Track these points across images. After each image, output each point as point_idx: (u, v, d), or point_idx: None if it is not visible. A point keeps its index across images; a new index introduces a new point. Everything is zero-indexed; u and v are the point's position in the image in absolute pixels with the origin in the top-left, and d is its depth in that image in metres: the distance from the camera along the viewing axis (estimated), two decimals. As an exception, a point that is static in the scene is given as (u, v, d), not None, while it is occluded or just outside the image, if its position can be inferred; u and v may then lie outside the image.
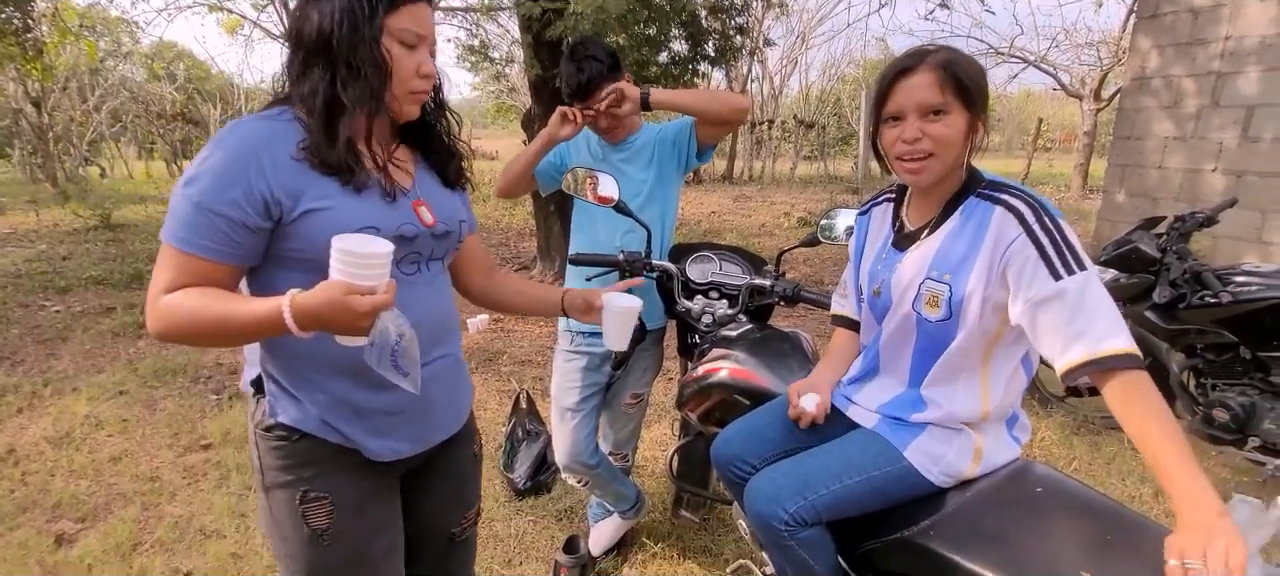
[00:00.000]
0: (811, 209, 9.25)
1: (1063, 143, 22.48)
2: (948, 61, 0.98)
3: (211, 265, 0.81)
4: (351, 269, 0.75)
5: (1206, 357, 2.34)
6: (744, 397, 1.43)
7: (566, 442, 1.74)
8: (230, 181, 0.80)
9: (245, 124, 0.84)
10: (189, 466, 2.44)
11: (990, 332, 1.02)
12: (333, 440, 0.91)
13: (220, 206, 0.79)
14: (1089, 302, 0.89)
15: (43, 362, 3.49)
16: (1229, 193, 4.11)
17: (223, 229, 0.80)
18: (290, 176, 0.83)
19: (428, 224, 0.94)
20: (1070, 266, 0.90)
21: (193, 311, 0.79)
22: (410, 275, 0.94)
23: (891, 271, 1.09)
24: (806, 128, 16.41)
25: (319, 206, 0.83)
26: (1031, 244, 0.93)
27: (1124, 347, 0.87)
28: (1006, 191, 0.99)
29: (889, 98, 1.02)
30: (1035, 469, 1.08)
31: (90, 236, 7.04)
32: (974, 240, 0.99)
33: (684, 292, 1.70)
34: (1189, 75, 4.42)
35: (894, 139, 1.02)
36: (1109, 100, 11.64)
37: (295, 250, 0.85)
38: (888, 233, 1.16)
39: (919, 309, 1.05)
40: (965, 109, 0.98)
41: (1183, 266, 2.26)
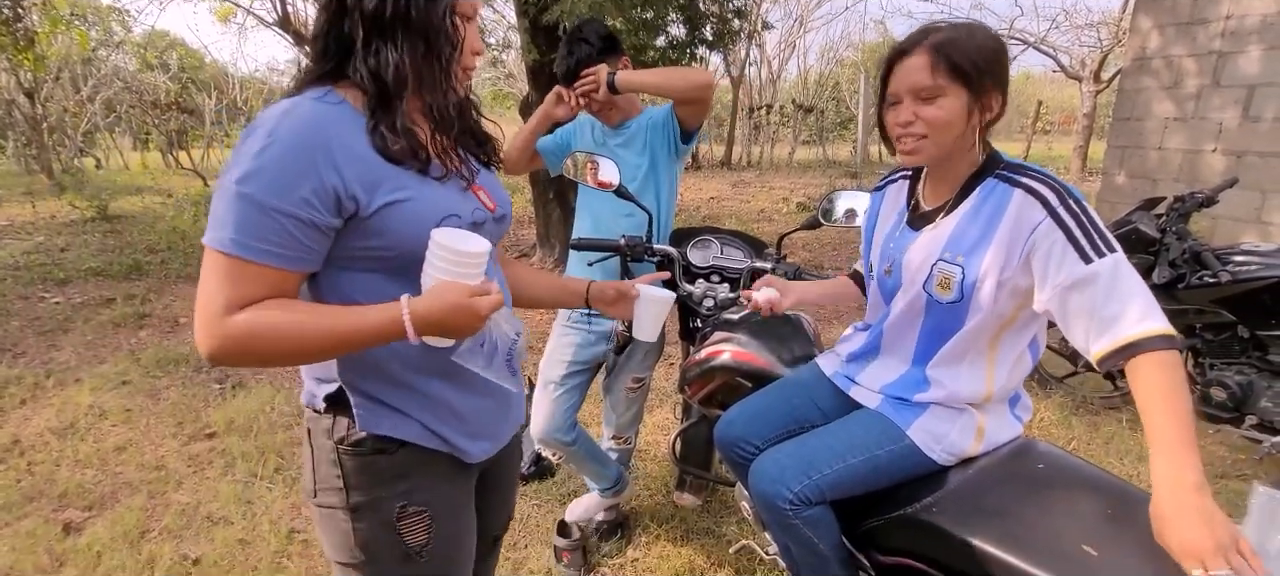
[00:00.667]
0: (811, 193, 9.23)
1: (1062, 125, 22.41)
2: (942, 43, 0.96)
3: (283, 274, 0.72)
4: (461, 268, 0.71)
5: (1205, 337, 2.36)
6: (746, 380, 1.44)
7: (543, 415, 1.77)
8: (297, 176, 0.70)
9: (301, 107, 0.73)
10: (194, 455, 2.45)
11: (1003, 316, 1.02)
12: (432, 446, 0.85)
13: (288, 205, 0.70)
14: (1122, 286, 0.87)
15: (44, 354, 3.50)
16: (1229, 173, 4.10)
17: (291, 231, 0.71)
18: (364, 167, 0.74)
19: (491, 209, 0.89)
20: (1100, 249, 0.89)
21: (294, 327, 0.71)
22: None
23: (904, 250, 1.09)
24: (805, 112, 16.33)
25: (400, 198, 0.76)
26: (1058, 228, 0.91)
27: (1162, 329, 0.85)
28: (1027, 174, 0.98)
29: (888, 80, 1.02)
30: (1037, 446, 1.09)
31: (87, 228, 7.01)
32: (990, 222, 0.99)
33: (685, 276, 1.71)
34: (1190, 55, 4.40)
35: (892, 123, 1.03)
36: (1109, 82, 11.59)
37: (371, 249, 0.77)
38: (902, 210, 1.15)
39: (930, 289, 1.04)
40: (964, 89, 0.96)
41: (1182, 247, 2.27)
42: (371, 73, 0.77)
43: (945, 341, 1.06)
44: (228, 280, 0.70)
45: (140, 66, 15.84)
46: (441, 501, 0.88)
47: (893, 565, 1.09)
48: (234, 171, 0.70)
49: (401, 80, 0.77)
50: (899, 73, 1.00)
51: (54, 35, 8.55)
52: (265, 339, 0.71)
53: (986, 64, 0.97)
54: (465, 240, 0.74)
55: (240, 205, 0.69)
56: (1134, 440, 2.54)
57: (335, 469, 0.84)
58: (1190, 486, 0.77)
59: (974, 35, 0.98)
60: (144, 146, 16.50)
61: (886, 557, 1.10)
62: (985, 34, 0.98)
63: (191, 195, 8.36)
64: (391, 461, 0.84)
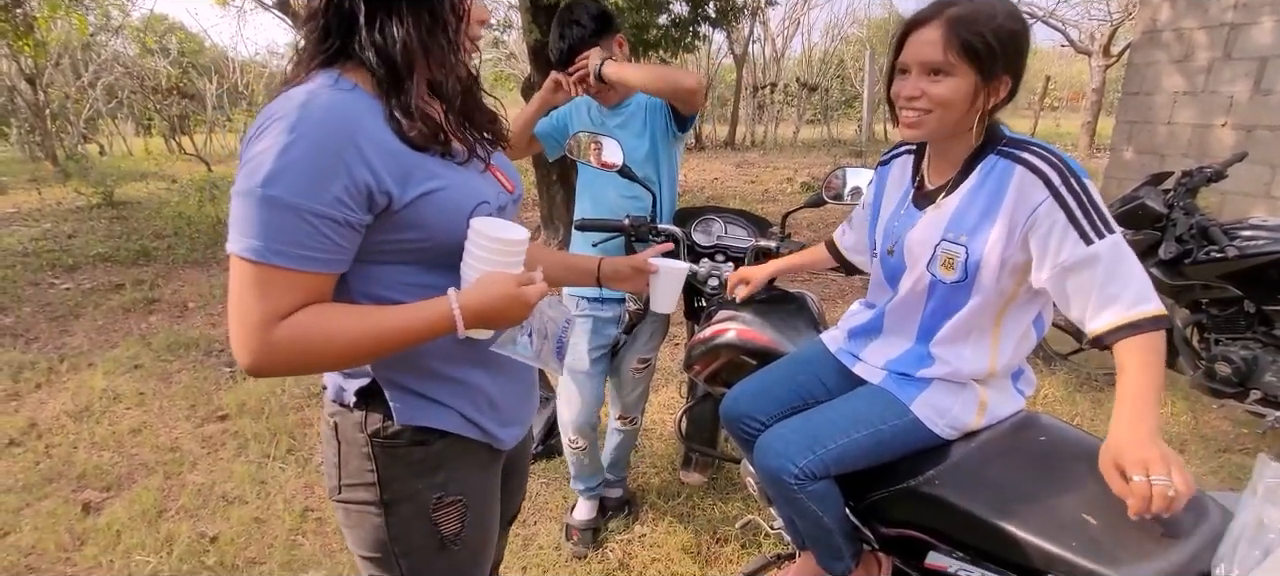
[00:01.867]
0: (815, 173, 9.17)
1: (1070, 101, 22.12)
2: (959, 18, 0.93)
3: (320, 277, 0.69)
4: (504, 257, 0.70)
5: (1210, 313, 2.35)
6: (751, 358, 1.46)
7: (575, 406, 1.78)
8: (328, 173, 0.66)
9: (320, 97, 0.68)
10: (207, 436, 2.49)
11: (1006, 294, 1.02)
12: (470, 435, 0.85)
13: (321, 206, 0.65)
14: (1122, 267, 0.90)
15: (57, 339, 3.54)
16: (1239, 147, 4.06)
17: (326, 232, 0.67)
18: (393, 158, 0.71)
19: (510, 190, 0.87)
20: (1100, 230, 0.90)
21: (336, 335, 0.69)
22: None
23: (908, 231, 1.08)
24: (809, 91, 16.16)
25: (433, 187, 0.73)
26: (1060, 208, 0.91)
27: (1156, 310, 0.89)
28: (1028, 149, 0.97)
29: (902, 49, 1.00)
30: (1039, 419, 1.10)
31: (94, 214, 7.04)
32: (992, 200, 0.98)
33: (690, 256, 1.71)
34: (1201, 27, 4.33)
35: (898, 92, 1.01)
36: (1118, 56, 11.41)
37: (405, 242, 0.74)
38: (907, 188, 1.14)
39: (934, 270, 1.04)
40: (974, 71, 0.94)
41: (1189, 222, 2.26)
42: (378, 51, 0.72)
43: (949, 320, 1.07)
44: (264, 290, 0.66)
45: (140, 51, 15.76)
46: (475, 489, 0.88)
47: (897, 536, 1.11)
48: (257, 173, 0.64)
49: (410, 57, 0.72)
50: (912, 43, 0.98)
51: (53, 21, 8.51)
52: (314, 349, 0.68)
53: (1001, 46, 0.93)
54: (505, 228, 0.72)
55: (268, 209, 0.64)
56: (1137, 415, 2.55)
57: (368, 463, 0.82)
58: (1147, 427, 0.84)
59: (995, 14, 0.93)
60: (147, 132, 16.49)
61: (890, 529, 1.12)
62: (1006, 13, 0.94)
63: (196, 180, 8.37)
64: (428, 453, 0.83)
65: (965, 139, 1.02)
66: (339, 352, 0.70)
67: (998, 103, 0.98)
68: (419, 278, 0.77)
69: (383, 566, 0.86)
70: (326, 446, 0.85)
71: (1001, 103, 0.99)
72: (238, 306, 0.67)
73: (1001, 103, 0.99)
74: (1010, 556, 0.91)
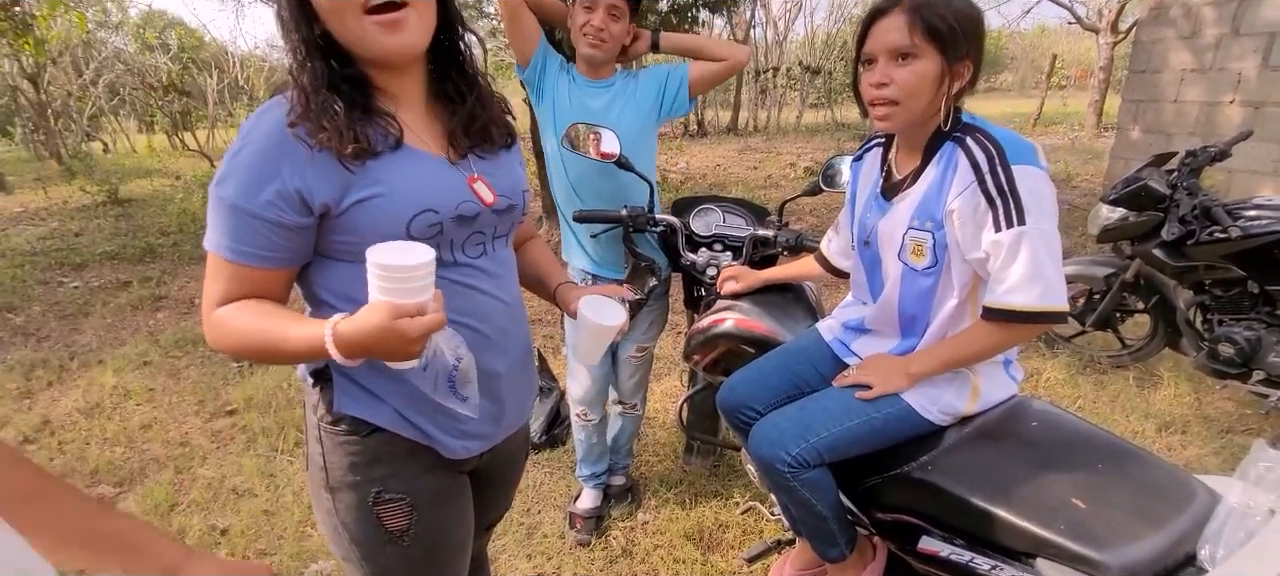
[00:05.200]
0: (818, 158, 9.11)
1: (1078, 79, 21.83)
2: (920, 4, 0.96)
3: (261, 272, 0.75)
4: (394, 286, 0.65)
5: (1214, 294, 2.34)
6: (749, 346, 1.47)
7: (580, 384, 1.82)
8: (262, 178, 0.72)
9: (272, 111, 0.75)
10: (216, 431, 2.53)
11: (970, 275, 1.04)
12: (407, 435, 0.84)
13: (255, 208, 0.72)
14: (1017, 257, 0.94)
15: (67, 337, 3.59)
16: (1247, 124, 4.01)
17: (262, 232, 0.73)
18: (326, 165, 0.74)
19: (488, 202, 0.84)
20: (1011, 220, 0.93)
21: (242, 332, 0.74)
22: (476, 259, 0.85)
23: (878, 222, 1.11)
24: (812, 74, 16.00)
25: (369, 194, 0.75)
26: (981, 193, 0.96)
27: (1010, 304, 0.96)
28: (972, 134, 0.99)
29: (865, 40, 1.02)
30: (1032, 404, 1.11)
31: (99, 212, 7.09)
32: (944, 184, 1.00)
33: (688, 246, 1.72)
34: (1209, 3, 4.27)
35: (866, 83, 1.03)
36: (1126, 33, 11.23)
37: (347, 243, 0.77)
38: (877, 179, 1.16)
39: (905, 259, 1.07)
40: (939, 54, 0.96)
41: (1192, 202, 2.24)
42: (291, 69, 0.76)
43: (929, 306, 1.08)
44: (213, 277, 0.76)
45: (139, 48, 15.76)
46: (423, 492, 0.87)
47: (891, 521, 1.12)
48: (217, 175, 0.74)
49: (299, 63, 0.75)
50: (876, 32, 1.00)
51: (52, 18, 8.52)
52: (228, 336, 0.75)
53: (963, 28, 0.96)
54: (404, 254, 0.66)
55: (219, 209, 0.73)
56: (1140, 398, 2.55)
57: (318, 445, 0.86)
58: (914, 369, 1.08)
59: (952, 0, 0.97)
60: (149, 129, 16.54)
61: (885, 514, 1.13)
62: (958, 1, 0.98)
63: (199, 177, 8.41)
64: (364, 445, 0.84)
65: (930, 126, 1.04)
66: (241, 347, 0.75)
67: (962, 86, 1.00)
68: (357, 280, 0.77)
69: (338, 549, 0.89)
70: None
71: (965, 87, 1.01)
72: (204, 287, 0.78)
73: (965, 87, 1.01)
74: (1001, 540, 0.92)
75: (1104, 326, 2.75)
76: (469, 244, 0.84)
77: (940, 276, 1.05)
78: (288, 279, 0.80)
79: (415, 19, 0.75)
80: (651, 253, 1.73)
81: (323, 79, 0.75)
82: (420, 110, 0.85)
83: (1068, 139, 10.93)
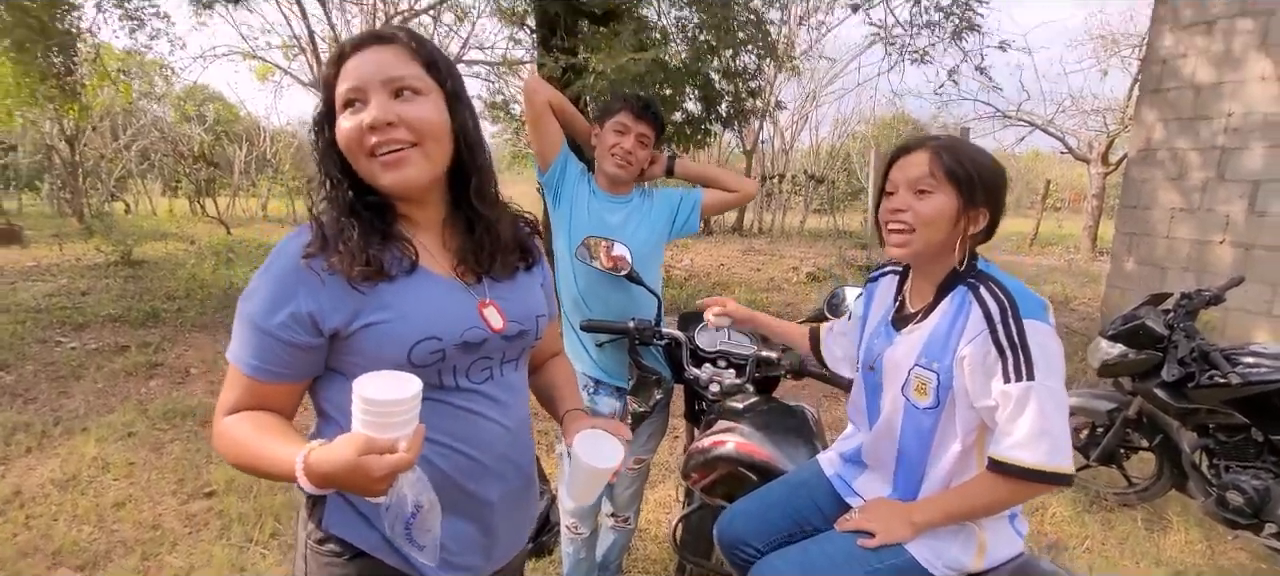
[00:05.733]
0: (820, 264, 9.30)
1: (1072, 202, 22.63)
2: (943, 146, 1.03)
3: (271, 387, 0.79)
4: (372, 419, 0.65)
5: (1218, 438, 2.31)
6: (750, 471, 1.44)
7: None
8: (279, 301, 0.77)
9: (297, 238, 0.80)
10: (191, 514, 2.44)
11: (979, 423, 1.03)
12: (392, 563, 0.82)
13: (271, 327, 0.76)
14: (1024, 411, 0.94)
15: (55, 401, 3.53)
16: (1238, 266, 4.11)
17: (275, 349, 0.77)
18: (339, 291, 0.77)
19: (496, 328, 0.85)
20: (1021, 374, 0.94)
21: (235, 442, 0.78)
22: (480, 384, 0.85)
23: (886, 350, 1.12)
24: (816, 182, 16.64)
25: (376, 320, 0.78)
26: (992, 344, 0.97)
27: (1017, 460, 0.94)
28: (986, 283, 1.02)
29: (888, 174, 1.08)
30: (1040, 566, 1.07)
31: (110, 272, 7.18)
32: (955, 328, 1.02)
33: (692, 360, 1.72)
34: (1194, 148, 4.49)
35: (885, 209, 1.08)
36: (1116, 165, 11.76)
37: (351, 363, 0.80)
38: (889, 306, 1.19)
39: (908, 394, 1.07)
40: (956, 193, 1.01)
41: (1190, 345, 2.26)
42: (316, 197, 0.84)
43: (928, 447, 1.07)
44: (229, 386, 0.81)
45: (178, 118, 16.57)
46: None
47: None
48: (246, 292, 0.79)
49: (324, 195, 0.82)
50: (900, 165, 1.06)
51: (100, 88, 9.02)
52: (226, 444, 0.79)
53: (981, 177, 1.01)
54: (389, 388, 0.66)
55: (241, 324, 0.79)
56: (1150, 542, 2.45)
57: (303, 563, 0.85)
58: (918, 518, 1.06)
59: (975, 152, 1.04)
60: (173, 193, 17.05)
61: (888, 674, 1.07)
62: (986, 154, 1.04)
63: (213, 244, 8.58)
64: (348, 569, 0.82)
65: (945, 263, 1.07)
66: (234, 457, 0.78)
67: (977, 232, 1.04)
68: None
69: None
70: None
71: (981, 234, 1.05)
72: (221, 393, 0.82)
73: (981, 234, 1.05)
74: None
75: (1108, 462, 2.69)
76: (474, 369, 0.84)
77: (941, 418, 1.04)
78: (297, 393, 0.83)
79: (417, 157, 0.79)
80: (656, 365, 1.74)
81: (342, 206, 0.81)
82: (439, 232, 0.87)
83: (1064, 260, 11.18)
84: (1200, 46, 4.42)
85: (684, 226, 1.76)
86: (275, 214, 15.98)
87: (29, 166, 14.39)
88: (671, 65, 4.20)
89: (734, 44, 4.58)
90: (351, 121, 0.77)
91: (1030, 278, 8.94)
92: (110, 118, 14.01)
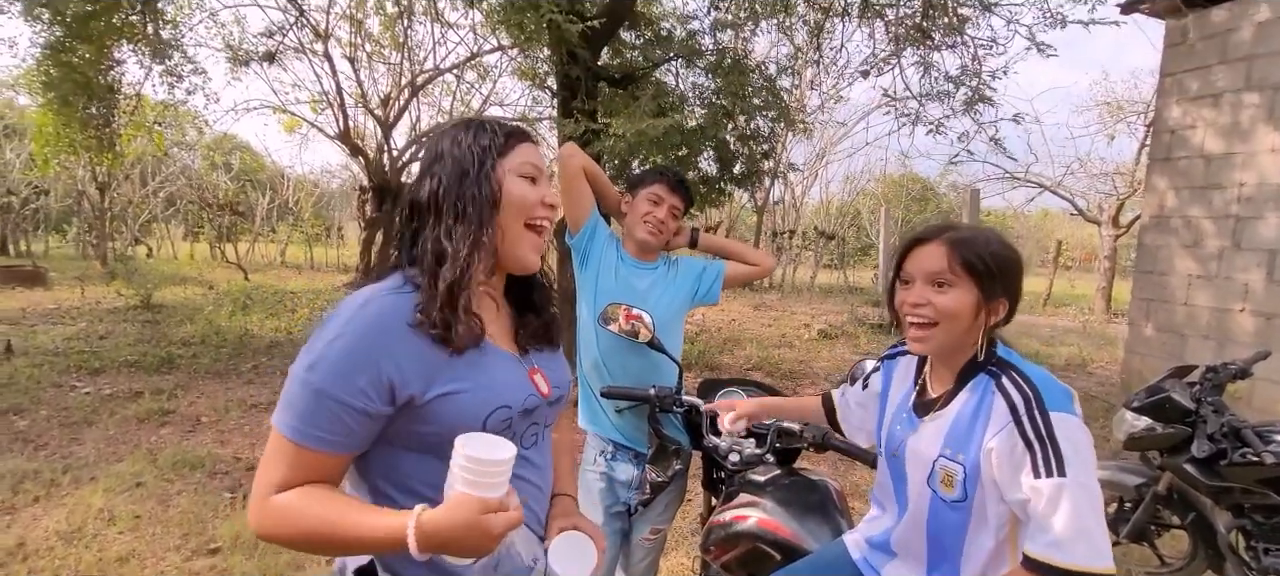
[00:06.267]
0: (832, 321, 9.25)
1: (1083, 262, 22.53)
2: (960, 240, 1.02)
3: (325, 457, 0.75)
4: (481, 479, 0.66)
5: (1255, 519, 2.23)
6: (772, 549, 1.40)
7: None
8: (357, 367, 0.73)
9: (376, 301, 0.77)
10: (195, 572, 2.39)
11: (1011, 516, 1.00)
12: None
13: (345, 395, 0.73)
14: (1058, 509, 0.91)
15: (66, 448, 3.53)
16: (1260, 335, 4.05)
17: (343, 418, 0.74)
18: (419, 359, 0.76)
19: (544, 394, 0.89)
20: (1052, 469, 0.91)
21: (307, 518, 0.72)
22: (528, 449, 0.87)
23: (909, 436, 1.10)
24: (827, 239, 16.75)
25: (453, 389, 0.78)
26: (1019, 437, 0.94)
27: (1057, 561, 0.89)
28: (1009, 373, 1.00)
29: (904, 262, 1.07)
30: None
31: (129, 315, 7.29)
32: (978, 419, 1.00)
33: (711, 429, 1.70)
34: (1208, 217, 4.50)
35: (903, 300, 1.07)
36: (1127, 227, 11.77)
37: (423, 433, 0.78)
38: (909, 390, 1.16)
39: (935, 487, 1.04)
40: (976, 287, 1.00)
41: (1220, 420, 2.20)
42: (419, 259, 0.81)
43: (960, 541, 1.03)
44: (274, 461, 0.75)
45: (205, 167, 17.09)
46: None
47: None
48: (307, 357, 0.75)
49: (442, 262, 0.79)
50: (915, 256, 1.05)
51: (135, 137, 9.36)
52: (288, 525, 0.73)
53: (999, 267, 1.01)
54: (491, 447, 0.69)
55: (303, 393, 0.74)
56: (1190, 630, 2.33)
57: None
58: None
59: (990, 240, 1.03)
60: (195, 238, 17.44)
61: None
62: (1001, 241, 1.04)
63: (231, 290, 8.71)
64: None
65: (965, 353, 1.05)
66: (303, 536, 0.73)
67: (997, 321, 1.04)
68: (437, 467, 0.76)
69: None
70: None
71: (1001, 322, 1.04)
72: (261, 469, 0.76)
73: (1001, 322, 1.04)
74: None
75: (1139, 539, 2.59)
76: (526, 435, 0.87)
77: (971, 512, 1.01)
78: (347, 465, 0.79)
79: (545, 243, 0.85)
80: (675, 433, 1.72)
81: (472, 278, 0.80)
82: (497, 308, 0.91)
83: (1079, 322, 11.05)
84: (1208, 118, 4.48)
85: (706, 296, 1.79)
86: (293, 260, 16.27)
87: (58, 210, 14.82)
88: (688, 128, 4.31)
89: (749, 109, 4.70)
90: (532, 189, 0.85)
91: (1045, 339, 8.83)
92: (141, 165, 14.49)
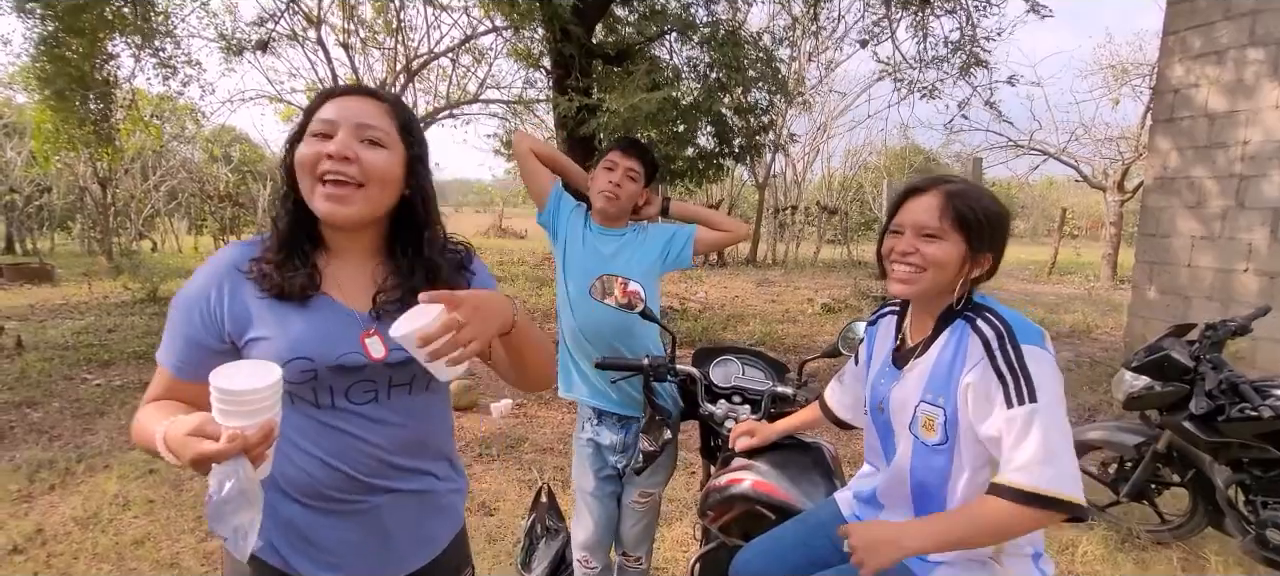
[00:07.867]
0: (835, 295, 9.25)
1: (1089, 229, 22.36)
2: (954, 192, 1.03)
3: (177, 382, 0.86)
4: (222, 406, 0.68)
5: (1254, 473, 2.24)
6: (767, 510, 1.42)
7: (583, 526, 1.78)
8: (194, 301, 0.85)
9: (230, 248, 0.90)
10: (209, 553, 2.44)
11: (990, 456, 1.02)
12: (273, 563, 0.88)
13: (185, 326, 0.85)
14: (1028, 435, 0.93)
15: (79, 437, 3.59)
16: (1264, 294, 4.03)
17: (183, 345, 0.85)
18: (242, 304, 0.85)
19: (376, 357, 0.87)
20: (1022, 398, 0.94)
21: (138, 427, 0.82)
22: (360, 405, 0.88)
23: (891, 389, 1.12)
24: (830, 214, 16.66)
25: (260, 336, 0.84)
26: (992, 371, 0.97)
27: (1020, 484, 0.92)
28: (983, 314, 1.03)
29: (897, 212, 1.09)
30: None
31: (136, 309, 7.36)
32: (955, 360, 1.02)
33: (707, 396, 1.72)
34: (1211, 177, 4.45)
35: (891, 247, 1.08)
36: (1133, 192, 11.65)
37: None
38: (890, 345, 1.19)
39: (916, 432, 1.06)
40: (964, 240, 1.02)
41: (1218, 377, 2.21)
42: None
43: (943, 485, 1.06)
44: (155, 380, 0.88)
45: (206, 159, 17.08)
46: None
47: None
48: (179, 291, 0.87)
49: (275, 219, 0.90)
50: (908, 207, 1.07)
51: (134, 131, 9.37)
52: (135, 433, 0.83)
53: (988, 223, 1.03)
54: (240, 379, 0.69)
55: (169, 319, 0.87)
56: (1188, 583, 2.36)
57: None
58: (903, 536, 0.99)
59: (982, 195, 1.05)
60: (199, 231, 17.50)
61: None
62: (992, 198, 1.05)
63: (236, 280, 8.74)
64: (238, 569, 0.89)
65: (944, 300, 1.07)
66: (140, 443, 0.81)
67: (980, 275, 1.05)
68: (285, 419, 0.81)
69: None
70: None
71: (983, 277, 1.06)
72: None
73: (983, 277, 1.06)
74: None
75: (1139, 498, 2.61)
76: (353, 390, 0.88)
77: (952, 455, 1.03)
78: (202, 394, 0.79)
79: (359, 197, 0.84)
80: (665, 402, 1.74)
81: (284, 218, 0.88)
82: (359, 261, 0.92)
83: (1084, 289, 11.01)
84: (1212, 76, 4.42)
85: (676, 259, 1.79)
86: (295, 250, 16.25)
87: (62, 207, 14.88)
88: (684, 103, 4.29)
89: (744, 82, 4.67)
90: (313, 146, 0.84)
91: (1050, 306, 8.80)
92: (141, 159, 14.51)
